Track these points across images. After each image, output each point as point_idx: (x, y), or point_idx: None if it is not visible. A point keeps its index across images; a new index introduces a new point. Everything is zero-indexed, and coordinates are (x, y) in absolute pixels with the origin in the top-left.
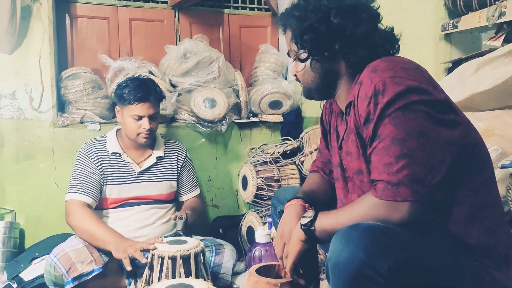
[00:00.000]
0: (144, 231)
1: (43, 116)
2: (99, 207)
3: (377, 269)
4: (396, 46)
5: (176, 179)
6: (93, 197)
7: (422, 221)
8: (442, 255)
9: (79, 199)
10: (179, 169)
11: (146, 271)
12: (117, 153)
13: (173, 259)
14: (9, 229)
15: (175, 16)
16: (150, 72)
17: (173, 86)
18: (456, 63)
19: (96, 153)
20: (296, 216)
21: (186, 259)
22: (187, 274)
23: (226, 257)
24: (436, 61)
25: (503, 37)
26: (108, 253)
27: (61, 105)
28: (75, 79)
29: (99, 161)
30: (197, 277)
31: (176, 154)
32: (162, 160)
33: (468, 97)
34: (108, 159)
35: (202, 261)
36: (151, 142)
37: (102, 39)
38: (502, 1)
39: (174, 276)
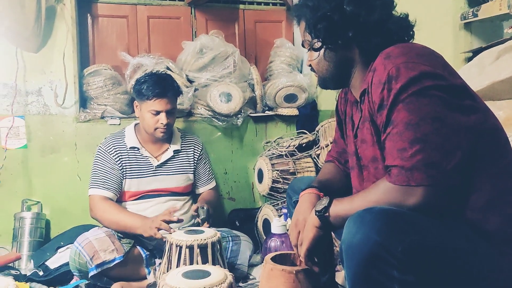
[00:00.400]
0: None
1: (67, 111)
2: (119, 199)
3: (391, 251)
4: (411, 32)
5: (192, 172)
6: (114, 191)
7: (436, 206)
8: (459, 241)
9: (101, 194)
10: (195, 162)
11: (164, 259)
12: (135, 147)
13: (190, 247)
14: (36, 219)
15: (191, 13)
16: (168, 68)
17: (190, 81)
18: (477, 53)
19: (115, 148)
20: (311, 205)
21: (203, 248)
22: (204, 263)
23: (243, 248)
24: (456, 51)
25: None
26: (130, 240)
27: (83, 101)
28: (96, 76)
29: (118, 156)
30: (214, 265)
31: (193, 147)
32: (179, 154)
33: (488, 86)
34: (126, 153)
35: (219, 250)
36: (168, 136)
37: (121, 37)
38: None
39: (191, 264)
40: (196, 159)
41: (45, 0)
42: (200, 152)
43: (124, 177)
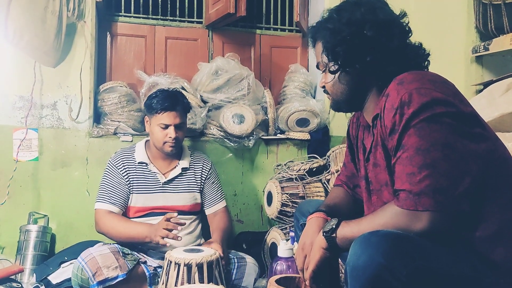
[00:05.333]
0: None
1: (80, 126)
2: (126, 215)
3: (396, 274)
4: (426, 61)
5: (199, 191)
6: (119, 206)
7: (443, 232)
8: (465, 269)
9: (107, 208)
10: (202, 181)
11: (163, 277)
12: (144, 163)
13: (188, 266)
14: (42, 233)
15: (208, 36)
16: (183, 88)
17: (204, 101)
18: (487, 85)
19: (123, 163)
20: (318, 228)
21: (201, 267)
22: (202, 281)
23: (248, 270)
24: (467, 83)
25: None
26: (135, 257)
27: (97, 117)
28: (112, 92)
29: (126, 171)
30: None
31: (201, 165)
32: (187, 171)
33: (498, 118)
34: (134, 168)
35: (218, 269)
36: (177, 153)
37: (139, 56)
38: None
39: (189, 283)
40: (204, 178)
41: (66, 17)
42: (209, 171)
43: (131, 192)
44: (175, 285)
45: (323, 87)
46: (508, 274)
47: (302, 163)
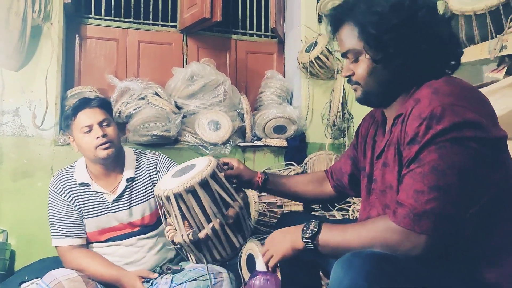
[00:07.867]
0: (133, 267)
1: (45, 133)
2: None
3: None
4: (459, 62)
5: (152, 196)
6: (80, 236)
7: (432, 255)
8: None
9: (68, 244)
10: (153, 180)
11: (169, 220)
12: (86, 183)
13: (179, 195)
14: (0, 250)
15: (183, 40)
16: (156, 93)
17: (178, 108)
18: None
19: (64, 187)
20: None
21: (193, 190)
22: (200, 205)
23: (225, 286)
24: None
25: (505, 69)
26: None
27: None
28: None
29: (70, 195)
30: (216, 203)
31: (146, 167)
32: (134, 181)
33: None
34: (78, 190)
35: (218, 181)
36: (120, 164)
37: (110, 60)
38: (503, 35)
39: (190, 212)
40: (153, 177)
41: (31, 19)
42: (156, 166)
43: (83, 217)
44: (183, 221)
45: (348, 76)
46: None
47: (279, 170)
